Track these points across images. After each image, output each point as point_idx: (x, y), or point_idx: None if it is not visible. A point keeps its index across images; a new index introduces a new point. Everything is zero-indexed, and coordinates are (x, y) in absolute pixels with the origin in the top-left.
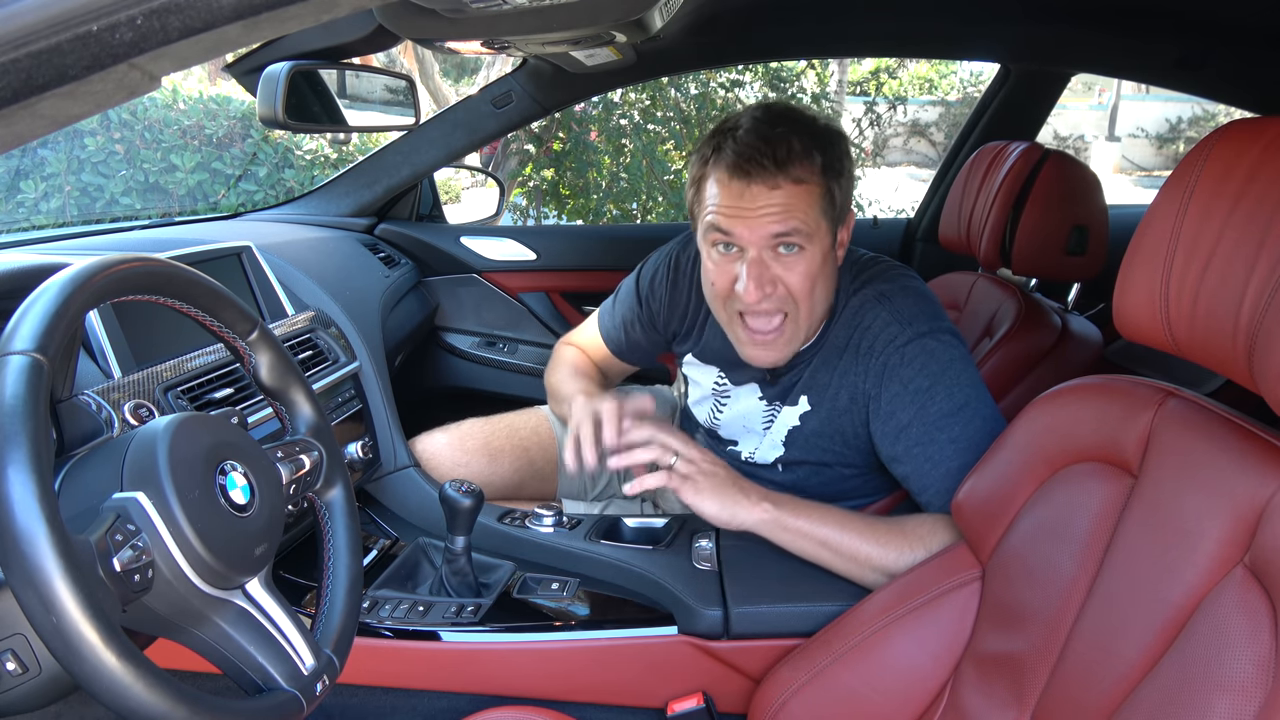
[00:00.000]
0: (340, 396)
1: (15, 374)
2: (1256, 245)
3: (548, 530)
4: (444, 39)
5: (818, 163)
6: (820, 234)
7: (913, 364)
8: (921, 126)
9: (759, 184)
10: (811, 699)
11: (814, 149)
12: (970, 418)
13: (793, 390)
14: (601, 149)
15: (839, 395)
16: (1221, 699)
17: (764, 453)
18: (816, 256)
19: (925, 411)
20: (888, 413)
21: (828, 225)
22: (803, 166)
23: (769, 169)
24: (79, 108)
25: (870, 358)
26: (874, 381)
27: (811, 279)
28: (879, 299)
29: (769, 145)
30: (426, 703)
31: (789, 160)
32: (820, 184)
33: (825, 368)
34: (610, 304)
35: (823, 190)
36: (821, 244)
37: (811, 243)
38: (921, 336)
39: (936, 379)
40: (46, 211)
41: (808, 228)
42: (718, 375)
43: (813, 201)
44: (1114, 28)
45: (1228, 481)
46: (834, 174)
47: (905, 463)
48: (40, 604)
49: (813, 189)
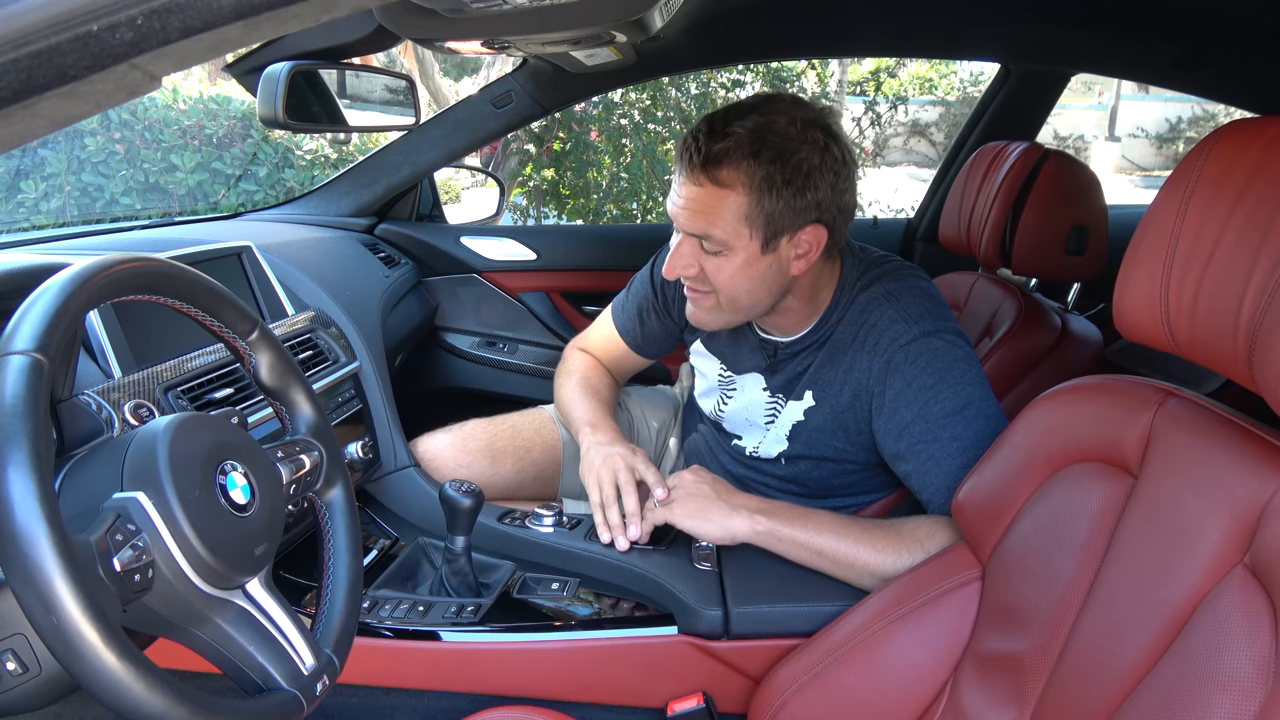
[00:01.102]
0: (340, 396)
1: (15, 374)
2: (1256, 245)
3: (548, 530)
4: (444, 39)
5: (754, 173)
6: (741, 244)
7: (917, 362)
8: (921, 126)
9: (684, 174)
10: (811, 699)
11: (753, 157)
12: (973, 417)
13: (797, 385)
14: (601, 149)
15: (843, 391)
16: (1221, 699)
17: (768, 447)
18: (737, 262)
19: (928, 410)
20: (891, 410)
21: (752, 237)
22: (732, 172)
23: (695, 163)
24: (79, 108)
25: (875, 354)
26: (878, 378)
27: (733, 281)
28: (886, 297)
29: (709, 139)
30: (426, 703)
31: (718, 161)
32: (747, 195)
33: (831, 364)
34: (623, 297)
35: (749, 202)
36: (746, 251)
37: (729, 249)
38: (927, 335)
39: (941, 377)
40: (46, 211)
41: (722, 234)
42: (721, 366)
43: (732, 210)
44: (1114, 27)
45: (1228, 481)
46: (771, 188)
47: (908, 460)
48: (40, 604)
49: (736, 198)
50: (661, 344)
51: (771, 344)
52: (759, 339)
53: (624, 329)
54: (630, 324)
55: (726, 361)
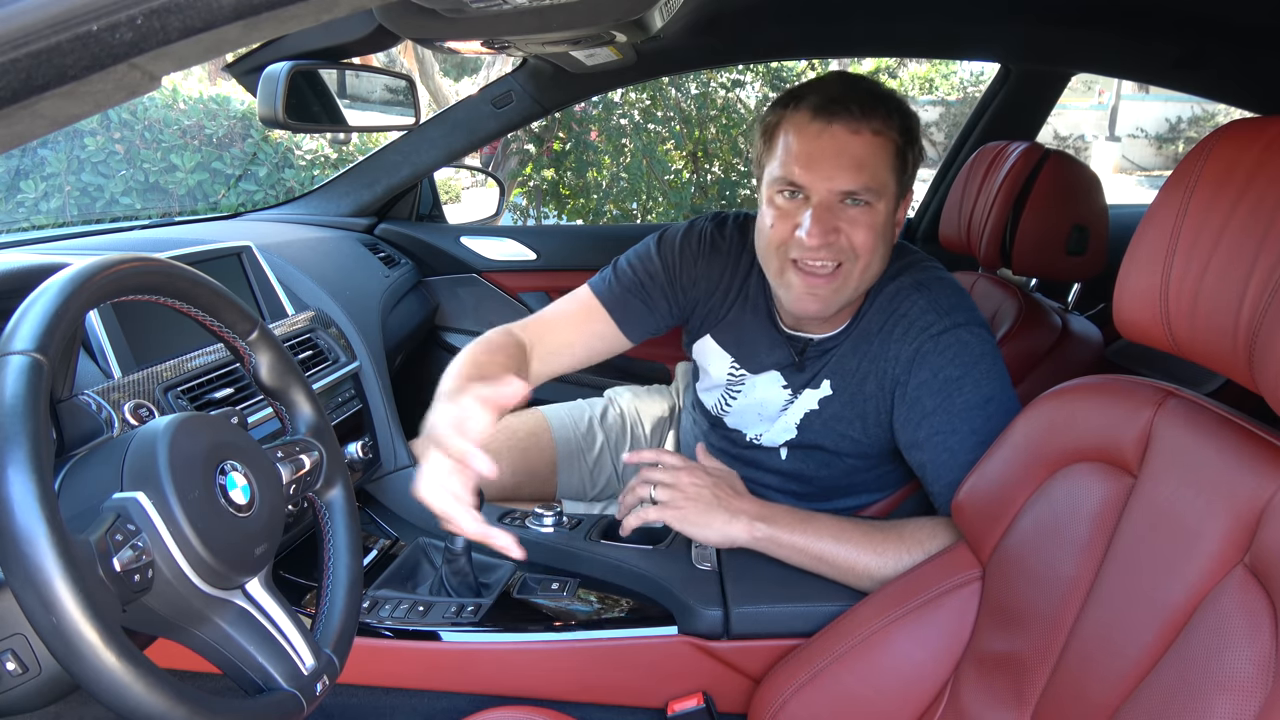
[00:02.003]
0: (340, 396)
1: (15, 374)
2: (1256, 245)
3: (548, 530)
4: (444, 39)
5: (896, 122)
6: (888, 194)
7: (945, 353)
8: (921, 126)
9: (840, 125)
10: (811, 699)
11: (894, 110)
12: (994, 413)
13: (817, 374)
14: (601, 149)
15: (866, 380)
16: (1221, 699)
17: (772, 436)
18: (881, 215)
19: (951, 401)
20: (914, 398)
21: (895, 188)
22: (883, 120)
23: (854, 112)
24: (79, 108)
25: (903, 343)
26: (904, 367)
27: (874, 236)
28: (917, 287)
29: (855, 92)
30: (426, 703)
31: (873, 109)
32: (897, 141)
33: (855, 353)
34: (608, 275)
35: (897, 149)
36: (888, 204)
37: (879, 199)
38: (958, 327)
39: (967, 370)
40: (46, 211)
41: (878, 183)
42: (731, 364)
43: (887, 158)
44: (1114, 27)
45: (1228, 481)
46: (910, 140)
47: (924, 450)
48: (40, 604)
49: (889, 144)
50: (645, 324)
51: (801, 341)
52: (785, 335)
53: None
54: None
55: (741, 360)
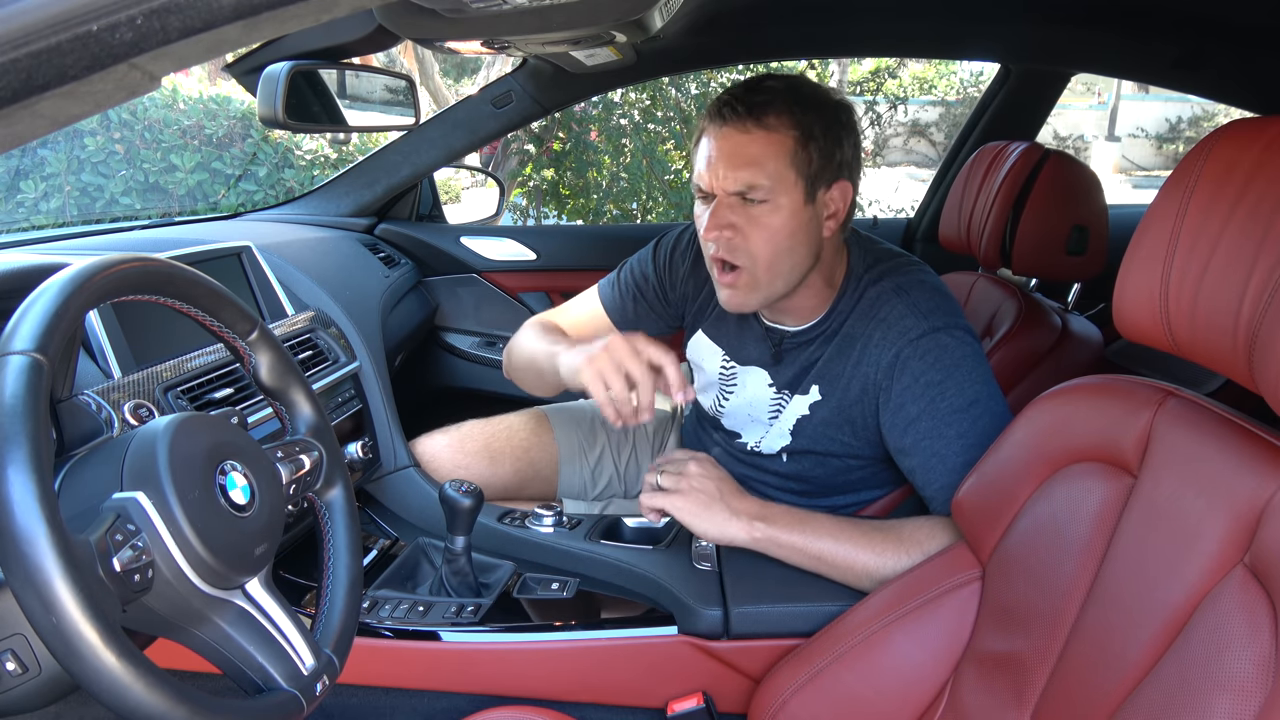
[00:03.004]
0: (340, 396)
1: (15, 374)
2: (1256, 245)
3: (548, 530)
4: (444, 39)
5: (797, 120)
6: (787, 187)
7: (926, 357)
8: (921, 126)
9: (731, 126)
10: (811, 699)
11: (795, 105)
12: (980, 414)
13: (804, 379)
14: (601, 149)
15: (851, 385)
16: (1221, 699)
17: (770, 442)
18: (783, 211)
19: (935, 405)
20: (898, 404)
21: (797, 180)
22: (778, 118)
23: (741, 113)
24: (79, 108)
25: (884, 349)
26: (885, 373)
27: (775, 238)
28: (897, 291)
29: (748, 93)
30: (426, 703)
31: (765, 108)
32: (794, 136)
33: (839, 357)
34: (613, 280)
35: (795, 143)
36: (790, 200)
37: (776, 196)
38: (937, 331)
39: (949, 374)
40: (46, 211)
41: (770, 180)
42: (723, 357)
43: (780, 154)
44: (1114, 28)
45: (1228, 481)
46: (812, 133)
47: (913, 455)
48: (40, 604)
49: (783, 140)
50: (645, 328)
51: (778, 333)
52: (764, 328)
53: (611, 306)
54: (622, 304)
55: (730, 351)
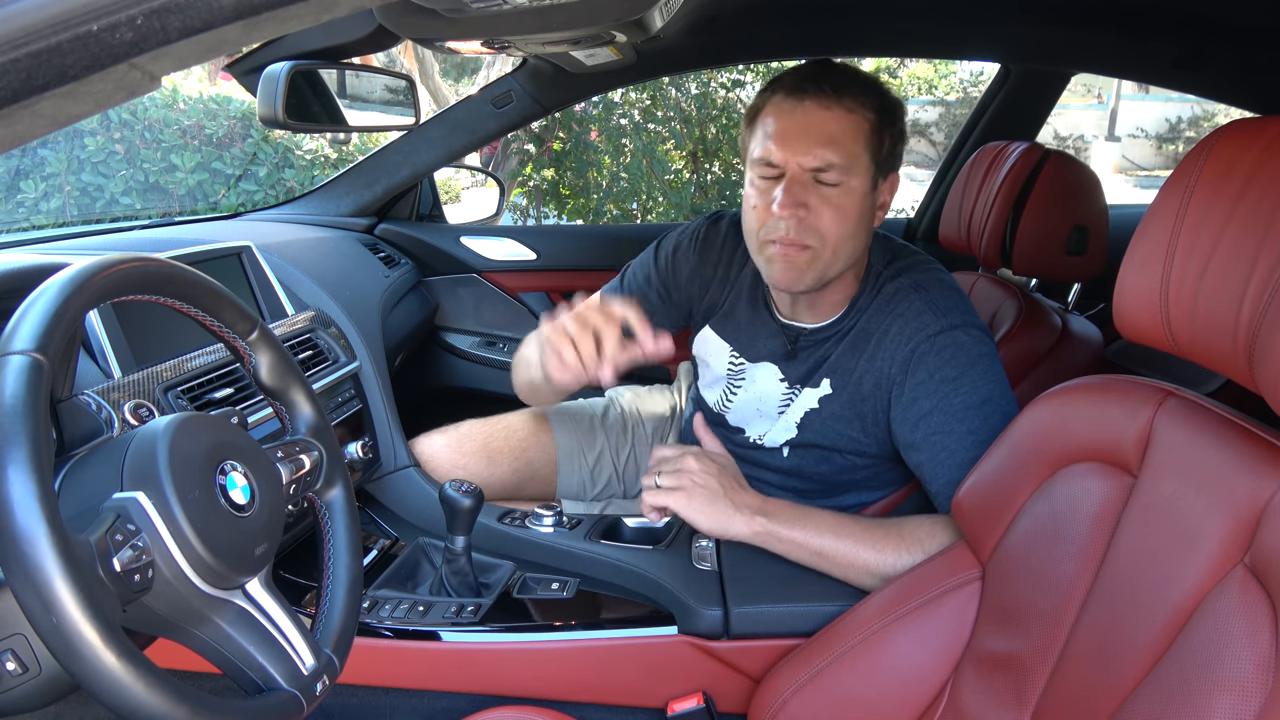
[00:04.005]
0: (340, 396)
1: (15, 374)
2: (1256, 245)
3: (548, 530)
4: (444, 39)
5: (871, 101)
6: (860, 169)
7: (942, 354)
8: (921, 126)
9: (812, 101)
10: (811, 699)
11: (870, 90)
12: (991, 413)
13: (816, 373)
14: (601, 149)
15: (864, 380)
16: (1221, 699)
17: (774, 436)
18: (855, 194)
19: (948, 401)
20: (910, 399)
21: (869, 164)
22: (859, 99)
23: (825, 90)
24: (79, 108)
25: (900, 344)
26: (900, 367)
27: (843, 218)
28: (915, 288)
29: (829, 73)
30: (426, 703)
31: (846, 88)
32: (871, 120)
33: (853, 352)
34: (617, 283)
35: (871, 127)
36: (861, 182)
37: (851, 176)
38: (954, 328)
39: (964, 371)
40: (46, 211)
41: (849, 157)
42: (731, 353)
43: (860, 134)
44: (1114, 28)
45: (1228, 481)
46: (886, 120)
47: (921, 450)
48: (40, 604)
49: (861, 122)
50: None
51: (794, 330)
52: (779, 324)
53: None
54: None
55: (740, 348)
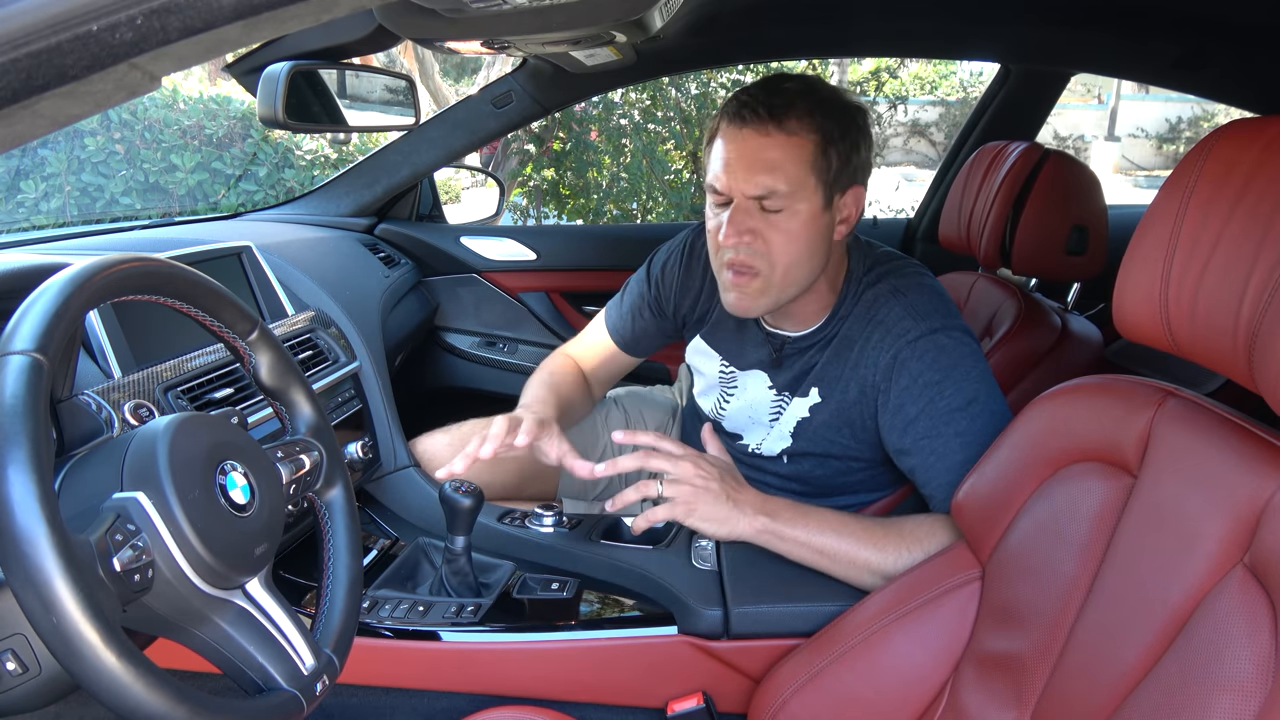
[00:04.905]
0: (340, 396)
1: (15, 374)
2: (1256, 245)
3: (548, 530)
4: (444, 39)
5: (816, 121)
6: (807, 193)
7: (924, 358)
8: (921, 126)
9: (750, 129)
10: (811, 699)
11: (815, 109)
12: (978, 413)
13: (803, 381)
14: (601, 149)
15: (849, 387)
16: (1221, 699)
17: (770, 444)
18: (802, 217)
19: (934, 406)
20: (896, 406)
21: (817, 186)
22: (800, 121)
23: (762, 115)
24: (79, 108)
25: (881, 351)
26: (884, 374)
27: (792, 244)
28: (894, 293)
29: (768, 95)
30: (426, 703)
31: (785, 110)
32: (814, 141)
33: (837, 360)
34: (618, 299)
35: (816, 148)
36: (809, 205)
37: (795, 201)
38: (934, 332)
39: (947, 374)
40: (46, 211)
41: (791, 184)
42: (721, 362)
43: (800, 159)
44: (1114, 28)
45: (1228, 481)
46: (832, 138)
47: (912, 456)
48: (40, 604)
49: (803, 145)
50: (651, 342)
51: (779, 338)
52: (765, 333)
53: (615, 328)
54: (622, 323)
55: (729, 357)
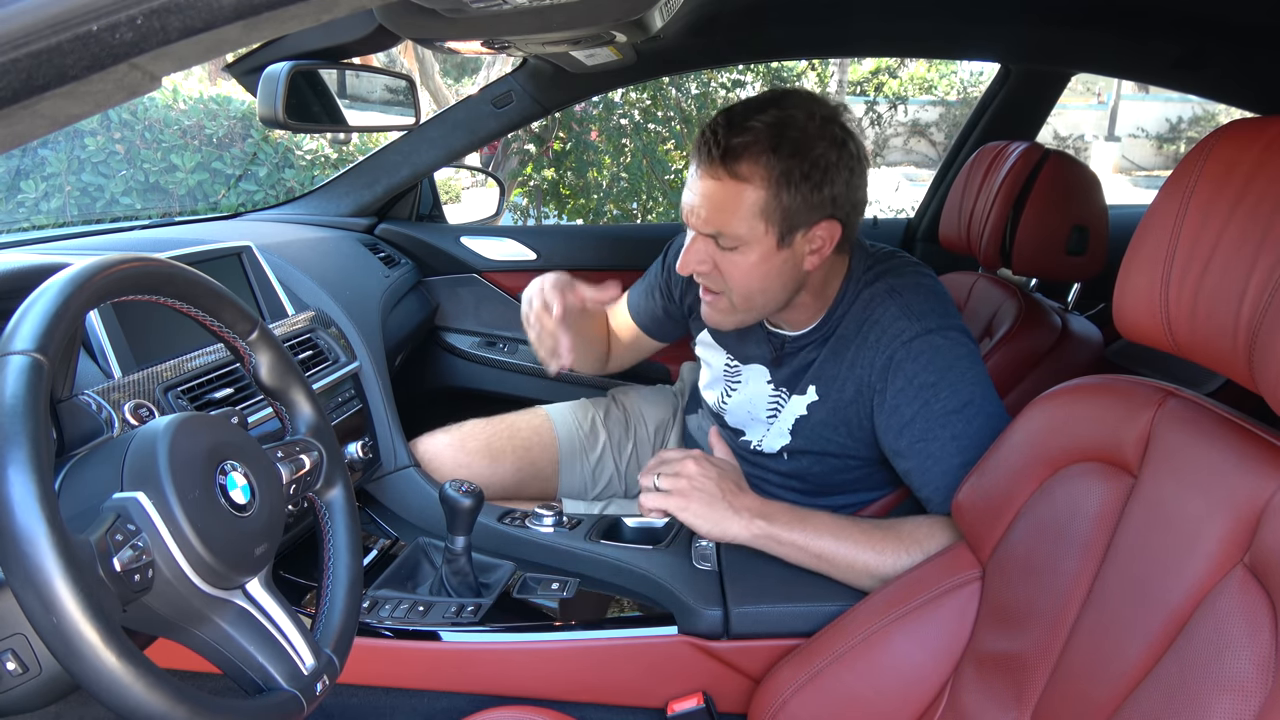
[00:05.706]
0: (340, 396)
1: (15, 374)
2: (1256, 245)
3: (548, 530)
4: (444, 39)
5: (773, 168)
6: (756, 239)
7: (919, 359)
8: (921, 126)
9: (704, 169)
10: (811, 699)
11: (777, 148)
12: (974, 415)
13: (801, 379)
14: (602, 149)
15: (845, 386)
16: (1221, 699)
17: (770, 441)
18: (752, 258)
19: (929, 408)
20: (892, 407)
21: (768, 229)
22: (751, 166)
23: (714, 157)
24: (79, 108)
25: (877, 351)
26: (879, 375)
27: (748, 278)
28: (890, 293)
29: (729, 132)
30: (426, 703)
31: (739, 153)
32: (765, 190)
33: (834, 359)
34: (640, 281)
35: (768, 193)
36: (761, 246)
37: (746, 242)
38: (930, 333)
39: (942, 375)
40: (46, 211)
41: (737, 230)
42: (727, 357)
43: (749, 206)
44: (1114, 28)
45: (1228, 481)
46: (791, 179)
47: (908, 458)
48: (40, 604)
49: (753, 192)
50: (661, 327)
51: (779, 337)
52: (765, 331)
53: (632, 303)
54: (639, 299)
55: (733, 351)
